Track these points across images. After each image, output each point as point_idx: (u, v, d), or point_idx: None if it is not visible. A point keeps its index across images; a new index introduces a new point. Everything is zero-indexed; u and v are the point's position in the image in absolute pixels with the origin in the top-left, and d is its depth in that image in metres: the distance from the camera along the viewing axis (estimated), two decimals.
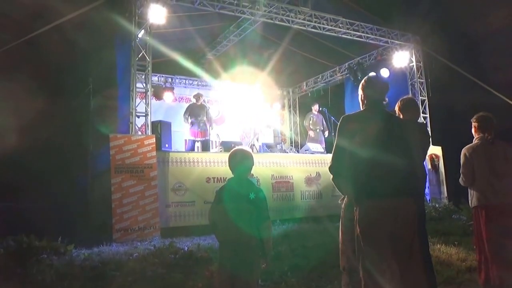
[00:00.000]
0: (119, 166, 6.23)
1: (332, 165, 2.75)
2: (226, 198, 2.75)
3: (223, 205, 2.73)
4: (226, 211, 2.70)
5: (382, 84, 2.88)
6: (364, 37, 9.57)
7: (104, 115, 8.70)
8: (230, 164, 2.87)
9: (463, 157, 3.90)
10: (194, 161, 7.12)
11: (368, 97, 2.78)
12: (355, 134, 2.62)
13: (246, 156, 2.88)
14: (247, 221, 2.67)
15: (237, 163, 2.85)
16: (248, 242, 2.67)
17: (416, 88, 10.20)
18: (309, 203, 8.09)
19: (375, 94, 2.77)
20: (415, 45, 10.28)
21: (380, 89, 2.81)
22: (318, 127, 10.65)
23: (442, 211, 7.86)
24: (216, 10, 7.91)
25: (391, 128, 2.65)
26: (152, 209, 6.29)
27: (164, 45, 9.69)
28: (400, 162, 2.56)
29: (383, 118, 2.71)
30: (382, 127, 2.63)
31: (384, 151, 2.57)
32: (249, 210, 2.69)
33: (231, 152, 2.92)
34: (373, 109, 2.75)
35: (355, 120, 2.72)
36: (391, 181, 2.53)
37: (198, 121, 9.38)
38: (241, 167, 2.84)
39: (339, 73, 12.21)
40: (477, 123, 3.94)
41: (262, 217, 2.73)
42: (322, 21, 8.91)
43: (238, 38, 10.50)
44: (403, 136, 2.66)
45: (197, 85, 12.17)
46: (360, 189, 2.60)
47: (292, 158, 8.34)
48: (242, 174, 2.85)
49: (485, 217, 3.73)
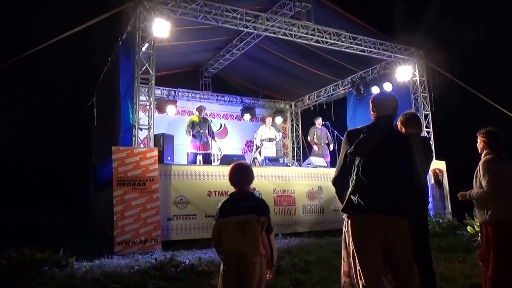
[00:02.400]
0: (121, 178, 6.27)
1: (335, 178, 2.80)
2: (229, 212, 2.79)
3: (227, 219, 2.77)
4: (230, 225, 2.74)
5: (389, 100, 2.88)
6: (367, 51, 9.66)
7: (107, 128, 8.80)
8: (231, 178, 2.94)
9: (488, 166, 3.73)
10: (196, 174, 7.15)
11: (376, 113, 2.82)
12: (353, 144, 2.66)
13: (246, 169, 2.96)
14: (252, 234, 2.72)
15: (238, 176, 2.92)
16: (254, 255, 2.70)
17: (419, 103, 10.25)
18: (311, 217, 8.07)
19: (382, 111, 2.80)
20: (418, 59, 10.35)
21: (387, 105, 2.82)
22: (323, 141, 10.67)
23: (446, 226, 7.84)
24: (219, 24, 8.03)
25: (392, 143, 2.68)
26: (154, 222, 6.31)
27: (168, 58, 9.88)
28: (399, 177, 2.57)
29: (385, 133, 2.73)
30: (383, 141, 2.66)
31: (383, 166, 2.59)
32: (254, 222, 2.74)
33: (231, 166, 2.98)
34: (379, 124, 2.78)
35: (357, 133, 2.75)
36: (385, 197, 2.54)
37: (200, 134, 9.42)
38: (242, 180, 2.91)
39: (342, 87, 12.30)
40: (486, 138, 3.87)
41: (268, 229, 2.80)
42: (325, 35, 9.02)
43: (241, 51, 10.65)
44: (404, 150, 2.68)
45: (199, 98, 12.26)
46: (354, 201, 2.62)
47: (294, 172, 8.35)
48: (244, 187, 2.91)
49: (495, 233, 3.65)
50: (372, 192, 2.56)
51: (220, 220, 2.80)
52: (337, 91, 12.52)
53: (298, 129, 14.18)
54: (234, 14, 8.05)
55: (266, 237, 2.79)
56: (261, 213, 2.79)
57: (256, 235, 2.73)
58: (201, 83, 12.64)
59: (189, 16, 7.73)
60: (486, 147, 3.88)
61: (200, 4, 7.69)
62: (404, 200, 2.59)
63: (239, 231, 2.71)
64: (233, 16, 8.05)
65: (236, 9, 8.06)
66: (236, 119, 12.93)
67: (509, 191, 3.68)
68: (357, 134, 2.74)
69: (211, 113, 11.83)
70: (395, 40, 10.06)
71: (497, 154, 3.81)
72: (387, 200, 2.55)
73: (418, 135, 3.77)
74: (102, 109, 9.69)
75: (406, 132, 3.71)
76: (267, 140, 10.65)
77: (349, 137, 2.78)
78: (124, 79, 7.74)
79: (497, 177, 3.69)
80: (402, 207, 2.57)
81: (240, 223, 2.73)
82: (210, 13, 7.80)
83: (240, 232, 2.71)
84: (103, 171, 8.23)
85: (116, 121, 7.82)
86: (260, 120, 12.90)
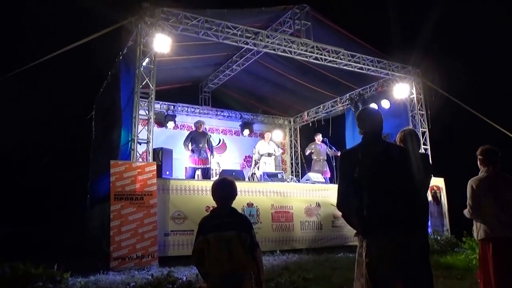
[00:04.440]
0: (119, 193, 6.20)
1: (338, 202, 2.75)
2: (211, 229, 2.68)
3: (209, 236, 2.66)
4: (212, 242, 2.63)
5: (373, 115, 2.88)
6: (365, 69, 9.74)
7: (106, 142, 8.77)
8: (213, 194, 2.85)
9: (470, 188, 3.85)
10: (194, 189, 7.11)
11: (363, 129, 2.82)
12: (354, 168, 2.64)
13: (229, 185, 2.87)
14: (236, 251, 2.61)
15: (221, 192, 2.83)
16: (239, 274, 2.60)
17: (417, 120, 10.29)
18: (309, 234, 8.01)
19: (369, 126, 2.80)
20: (415, 77, 10.43)
21: (372, 121, 2.83)
22: (322, 157, 10.64)
23: (444, 244, 7.79)
24: (220, 40, 8.09)
25: (390, 158, 2.67)
26: (151, 237, 6.23)
27: (168, 73, 9.92)
28: (402, 191, 2.57)
29: (380, 149, 2.72)
30: (380, 158, 2.65)
31: (384, 182, 2.58)
32: (237, 238, 2.63)
33: (213, 183, 2.93)
34: (369, 140, 2.77)
35: (353, 154, 2.74)
36: (394, 212, 2.53)
37: (199, 148, 9.38)
38: (223, 196, 2.82)
39: (340, 104, 12.36)
40: (482, 156, 3.92)
41: (252, 245, 2.68)
42: (324, 53, 9.10)
43: (241, 67, 10.71)
44: (403, 164, 2.68)
45: (198, 113, 12.29)
46: (364, 222, 2.59)
47: (292, 187, 8.30)
48: (227, 203, 2.82)
49: (492, 250, 3.66)
50: (383, 210, 2.54)
51: (201, 238, 2.68)
52: (335, 107, 12.58)
53: (296, 145, 14.19)
54: (235, 30, 8.13)
55: (250, 254, 2.66)
56: (241, 229, 2.68)
57: (240, 253, 2.62)
58: (200, 98, 12.68)
59: (190, 32, 7.79)
60: (483, 164, 3.92)
61: (201, 21, 7.76)
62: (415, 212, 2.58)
63: (222, 248, 2.61)
64: (233, 33, 8.12)
65: (237, 26, 8.14)
66: (235, 134, 12.93)
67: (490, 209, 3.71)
68: (353, 155, 2.72)
69: (210, 128, 11.84)
70: (393, 58, 10.17)
71: (493, 171, 3.83)
72: (400, 214, 2.53)
73: (417, 151, 3.76)
74: (101, 122, 9.69)
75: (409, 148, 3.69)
76: (265, 155, 10.61)
77: (346, 159, 2.77)
78: (124, 93, 7.76)
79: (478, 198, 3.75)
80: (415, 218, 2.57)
81: (223, 240, 2.62)
82: (211, 29, 7.87)
83: (223, 250, 2.60)
84: (101, 185, 8.17)
85: (115, 135, 7.81)
86: (259, 135, 12.91)
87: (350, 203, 2.66)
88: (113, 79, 8.96)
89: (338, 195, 2.75)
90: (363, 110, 2.98)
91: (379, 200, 2.55)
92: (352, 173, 2.65)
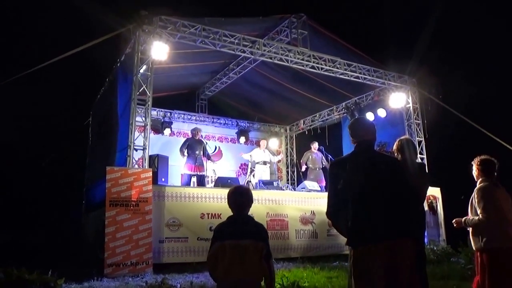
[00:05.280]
0: (114, 199, 6.20)
1: (328, 211, 2.73)
2: (227, 235, 2.69)
3: (225, 243, 2.65)
4: (227, 249, 2.63)
5: (365, 125, 2.87)
6: (361, 78, 9.81)
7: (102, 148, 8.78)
8: (230, 201, 2.87)
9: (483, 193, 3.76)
10: (190, 196, 7.11)
11: (355, 139, 2.81)
12: (343, 177, 2.63)
13: (246, 192, 2.91)
14: (250, 260, 2.61)
15: (237, 199, 2.86)
16: (252, 282, 2.61)
17: (413, 129, 10.35)
18: (304, 242, 7.99)
19: (361, 136, 2.79)
20: (411, 87, 10.52)
21: (364, 130, 2.82)
22: (318, 166, 10.67)
23: (440, 254, 7.79)
24: (217, 48, 8.17)
25: (377, 168, 2.65)
26: (146, 244, 6.22)
27: (165, 80, 9.97)
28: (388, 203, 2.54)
29: (369, 159, 2.71)
30: (367, 169, 2.63)
31: (370, 193, 2.56)
32: (252, 247, 2.64)
33: (230, 189, 2.94)
34: (360, 151, 2.77)
35: (343, 163, 2.72)
36: (382, 223, 2.50)
37: (195, 155, 9.40)
38: (241, 204, 2.85)
39: (337, 112, 12.43)
40: (481, 166, 3.91)
41: (268, 255, 2.69)
42: (321, 62, 9.17)
43: (238, 75, 10.78)
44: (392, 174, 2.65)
45: (195, 120, 12.35)
46: (352, 233, 2.58)
47: (288, 195, 8.30)
48: (242, 211, 2.85)
49: (490, 260, 3.63)
50: (370, 220, 2.52)
51: (218, 243, 2.68)
52: (331, 116, 12.65)
53: (292, 153, 14.24)
54: (232, 39, 8.20)
55: (265, 264, 2.67)
56: (259, 238, 2.69)
57: (254, 261, 2.62)
58: (197, 105, 12.72)
59: (187, 40, 7.86)
60: (481, 174, 3.91)
61: (199, 29, 7.84)
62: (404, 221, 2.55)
63: (236, 256, 2.60)
64: (230, 41, 8.20)
65: (234, 34, 8.21)
66: (231, 142, 12.97)
67: (503, 218, 3.69)
68: (343, 164, 2.71)
69: (206, 135, 11.83)
70: (389, 67, 10.25)
71: (492, 182, 3.84)
72: (387, 225, 2.51)
73: (414, 160, 3.80)
74: (97, 129, 9.70)
75: (401, 157, 3.74)
76: (261, 163, 10.65)
77: (336, 168, 2.75)
78: (121, 99, 7.79)
79: (492, 205, 3.71)
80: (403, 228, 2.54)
81: (238, 247, 2.63)
82: (209, 37, 7.94)
83: (238, 257, 2.60)
84: (96, 191, 8.16)
85: (111, 141, 7.81)
86: (255, 143, 12.94)
87: (340, 213, 2.65)
88: (111, 86, 8.99)
89: (328, 204, 2.74)
90: (356, 120, 2.99)
91: (363, 211, 2.53)
92: (338, 182, 2.64)
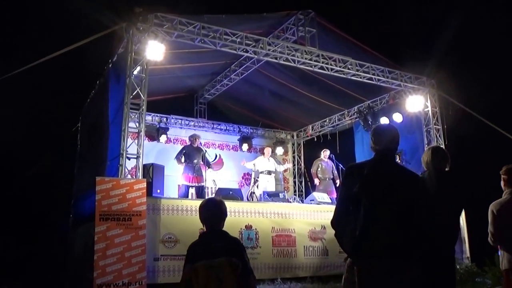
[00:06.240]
0: (104, 212, 6.23)
1: (333, 219, 2.73)
2: (200, 256, 2.69)
3: (197, 264, 2.65)
4: (201, 271, 2.62)
5: (390, 132, 2.90)
6: (375, 80, 9.81)
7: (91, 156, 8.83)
8: (201, 216, 2.92)
9: (491, 214, 3.83)
10: (187, 209, 7.13)
11: (377, 147, 2.84)
12: (359, 182, 2.65)
13: (216, 205, 2.93)
14: (228, 280, 2.60)
15: (209, 214, 2.89)
16: None
17: (432, 135, 10.29)
18: (313, 260, 8.00)
19: (385, 144, 2.82)
20: (430, 89, 10.45)
21: (389, 138, 2.84)
22: (328, 176, 10.69)
23: (463, 273, 7.73)
24: (217, 47, 8.22)
25: (399, 182, 2.67)
26: (139, 262, 6.22)
27: (160, 82, 10.04)
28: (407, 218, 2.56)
29: (392, 169, 2.75)
30: (389, 179, 2.66)
31: (387, 204, 2.59)
32: (228, 265, 2.62)
33: (201, 203, 2.98)
34: (381, 159, 2.80)
35: (359, 169, 2.74)
36: (393, 239, 2.51)
37: (193, 165, 9.43)
38: (212, 219, 2.88)
39: (348, 117, 12.41)
40: (506, 176, 3.92)
41: (245, 272, 2.68)
42: (330, 62, 9.18)
43: (240, 77, 10.81)
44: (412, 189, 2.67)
45: (193, 126, 12.38)
46: (356, 244, 2.59)
47: (295, 208, 8.32)
48: (216, 226, 2.87)
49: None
50: (378, 235, 2.54)
51: (189, 267, 2.68)
52: (342, 121, 12.64)
53: (300, 162, 14.20)
54: (234, 37, 8.24)
55: (243, 282, 2.65)
56: (232, 254, 2.68)
57: (232, 281, 2.60)
58: (195, 110, 12.75)
59: (185, 39, 7.91)
60: (507, 185, 3.93)
61: (198, 27, 7.89)
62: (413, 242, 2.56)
63: (211, 278, 2.59)
64: (232, 40, 8.24)
65: (236, 33, 8.25)
66: (232, 150, 13.00)
67: None
68: (360, 169, 2.73)
69: (205, 143, 11.88)
70: (405, 68, 10.22)
71: None
72: (395, 242, 2.53)
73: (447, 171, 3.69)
74: (87, 135, 9.74)
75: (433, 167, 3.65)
76: (265, 173, 10.65)
77: (352, 173, 2.77)
78: (113, 103, 7.80)
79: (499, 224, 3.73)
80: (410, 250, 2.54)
81: (213, 267, 2.61)
82: (208, 36, 7.99)
83: (214, 279, 2.59)
84: (85, 204, 8.16)
85: (102, 149, 7.85)
86: (258, 151, 12.95)
87: (346, 221, 2.65)
88: (101, 89, 9.02)
89: (335, 211, 2.75)
90: (379, 126, 3.05)
91: (377, 221, 2.56)
92: (351, 189, 2.65)
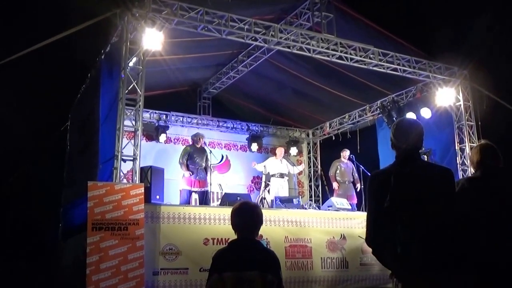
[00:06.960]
0: (97, 221, 6.19)
1: (368, 235, 2.73)
2: (227, 265, 2.65)
3: (225, 275, 2.62)
4: (228, 283, 2.59)
5: (413, 128, 2.86)
6: (400, 71, 9.73)
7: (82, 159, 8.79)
8: (233, 221, 2.87)
9: None
10: (190, 217, 7.09)
11: (397, 147, 2.81)
12: (385, 194, 2.61)
13: (254, 211, 2.88)
14: None
15: (242, 219, 2.84)
16: None
17: (464, 133, 10.23)
18: (331, 273, 7.94)
19: (406, 142, 2.78)
20: (462, 80, 10.39)
21: (411, 134, 2.80)
22: (347, 179, 10.68)
23: None
24: (223, 36, 8.16)
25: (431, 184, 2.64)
26: (136, 276, 6.17)
27: (159, 75, 9.98)
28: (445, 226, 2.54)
29: (419, 171, 2.70)
30: (418, 183, 2.63)
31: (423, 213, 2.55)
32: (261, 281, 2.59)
33: (234, 207, 2.92)
34: (405, 160, 2.76)
35: (384, 177, 2.71)
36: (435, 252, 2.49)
37: (197, 167, 9.43)
38: (246, 225, 2.83)
39: (370, 113, 12.38)
40: None
41: None
42: (350, 51, 9.12)
43: (248, 68, 10.77)
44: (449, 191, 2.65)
45: (196, 123, 12.40)
46: (399, 263, 2.57)
47: (311, 215, 8.27)
48: (249, 235, 2.83)
49: None
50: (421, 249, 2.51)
51: (216, 276, 2.65)
52: (364, 117, 12.62)
53: (316, 163, 14.20)
54: (241, 24, 8.17)
55: None
56: (267, 269, 2.64)
57: None
58: (199, 106, 12.76)
59: (187, 26, 7.85)
60: None
61: (201, 12, 7.81)
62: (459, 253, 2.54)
63: None
64: (239, 27, 8.17)
65: (244, 19, 8.19)
66: (241, 150, 13.02)
67: None
68: (386, 178, 2.69)
69: (210, 142, 11.88)
70: (434, 57, 10.16)
71: None
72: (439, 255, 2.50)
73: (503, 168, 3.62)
74: (77, 136, 9.81)
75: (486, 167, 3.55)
76: (277, 176, 10.63)
77: (377, 183, 2.76)
78: (105, 99, 7.83)
79: None
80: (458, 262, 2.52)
81: (244, 281, 2.58)
82: (212, 22, 7.93)
83: None
84: (75, 212, 8.20)
85: (94, 151, 7.87)
86: (270, 151, 12.99)
87: (382, 237, 2.64)
88: (93, 83, 9.09)
89: (367, 227, 2.73)
90: (400, 121, 3.01)
91: (416, 235, 2.53)
92: (382, 201, 2.61)
